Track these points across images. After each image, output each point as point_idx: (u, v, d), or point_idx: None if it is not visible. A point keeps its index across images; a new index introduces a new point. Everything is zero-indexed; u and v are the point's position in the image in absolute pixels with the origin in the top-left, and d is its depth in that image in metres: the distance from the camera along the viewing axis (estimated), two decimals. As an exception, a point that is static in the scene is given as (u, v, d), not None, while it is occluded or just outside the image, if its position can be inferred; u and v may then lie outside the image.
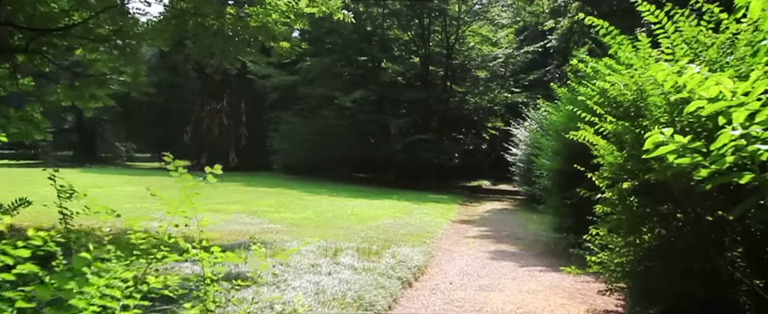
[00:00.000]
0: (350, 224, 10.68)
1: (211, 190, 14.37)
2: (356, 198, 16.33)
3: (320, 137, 23.62)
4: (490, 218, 14.59)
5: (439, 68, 27.60)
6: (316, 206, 13.46)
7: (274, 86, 26.18)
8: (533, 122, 15.54)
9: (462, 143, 26.99)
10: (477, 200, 20.66)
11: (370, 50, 25.51)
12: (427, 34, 26.48)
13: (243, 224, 9.78)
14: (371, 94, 22.82)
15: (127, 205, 11.04)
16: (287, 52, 8.03)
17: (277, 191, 16.76)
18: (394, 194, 18.73)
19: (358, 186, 21.65)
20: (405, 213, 13.28)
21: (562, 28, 22.77)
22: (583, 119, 5.18)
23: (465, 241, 10.16)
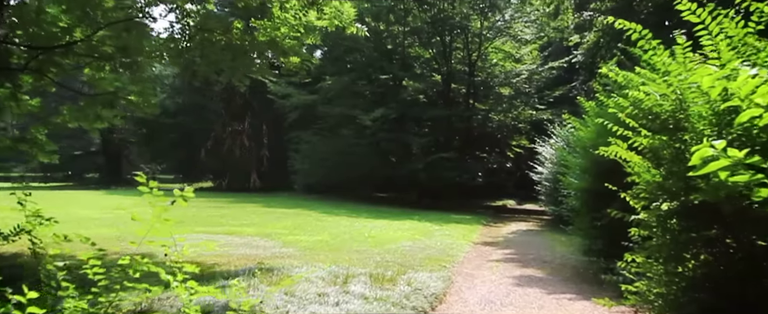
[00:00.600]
0: (367, 247, 10.22)
1: (228, 211, 14.12)
2: (376, 219, 15.87)
3: (340, 157, 23.32)
4: (515, 240, 13.95)
5: (462, 86, 27.17)
6: (333, 228, 13.04)
7: (294, 106, 26.08)
8: (559, 139, 14.94)
9: (485, 161, 26.37)
10: (501, 220, 19.98)
11: (390, 68, 25.27)
12: (449, 51, 26.14)
13: (255, 247, 9.40)
14: (392, 112, 22.47)
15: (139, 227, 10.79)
16: (297, 67, 7.73)
17: (296, 213, 16.41)
18: (415, 214, 18.20)
19: (379, 206, 21.19)
20: (425, 235, 12.75)
21: (588, 43, 22.11)
22: (614, 133, 4.67)
23: (488, 265, 9.59)
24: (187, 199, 2.95)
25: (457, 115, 25.21)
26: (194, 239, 9.86)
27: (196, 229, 11.13)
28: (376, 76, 25.98)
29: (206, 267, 7.27)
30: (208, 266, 7.38)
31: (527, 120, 26.12)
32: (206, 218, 13.59)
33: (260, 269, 6.74)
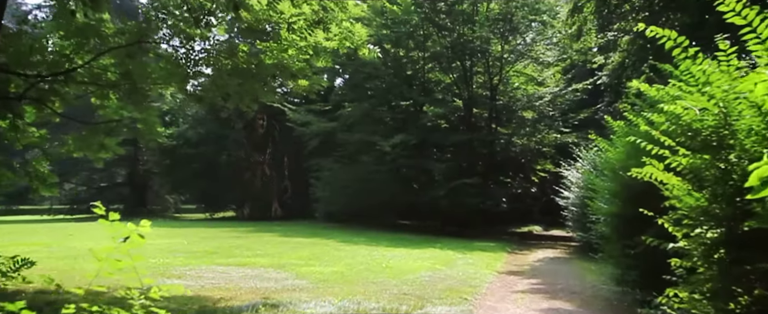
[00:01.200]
0: (384, 278, 9.72)
1: (244, 241, 13.75)
2: (396, 247, 15.34)
3: (360, 184, 22.97)
4: (542, 269, 13.25)
5: (483, 110, 26.72)
6: (350, 257, 12.57)
7: (313, 133, 25.94)
8: (585, 163, 14.34)
9: (510, 186, 25.69)
10: (527, 247, 19.23)
11: (410, 94, 25.02)
12: (470, 75, 25.80)
13: (265, 280, 8.99)
14: (412, 138, 22.10)
15: (152, 260, 10.54)
16: (307, 90, 7.45)
17: (313, 242, 16.00)
18: (437, 242, 17.62)
19: (400, 234, 20.65)
20: (447, 264, 12.19)
21: (613, 64, 21.56)
22: (648, 152, 4.18)
23: (513, 297, 8.98)
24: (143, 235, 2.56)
25: (480, 140, 24.72)
26: (203, 271, 9.52)
27: (207, 261, 10.80)
28: (396, 103, 25.76)
29: (211, 302, 6.88)
30: (214, 301, 6.99)
31: (552, 144, 25.45)
32: (221, 248, 13.28)
33: (265, 305, 6.32)
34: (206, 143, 30.76)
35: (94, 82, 6.65)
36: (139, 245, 2.52)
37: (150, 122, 7.68)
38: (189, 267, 9.86)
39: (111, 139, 7.58)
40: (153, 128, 7.73)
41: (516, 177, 26.88)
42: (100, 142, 7.38)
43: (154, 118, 7.76)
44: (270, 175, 30.10)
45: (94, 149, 7.44)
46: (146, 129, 7.71)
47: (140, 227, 2.54)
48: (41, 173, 7.18)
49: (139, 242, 2.50)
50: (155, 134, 7.88)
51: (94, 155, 7.64)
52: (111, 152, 7.98)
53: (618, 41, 20.83)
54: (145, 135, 7.80)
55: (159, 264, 10.10)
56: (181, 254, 11.75)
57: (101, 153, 7.66)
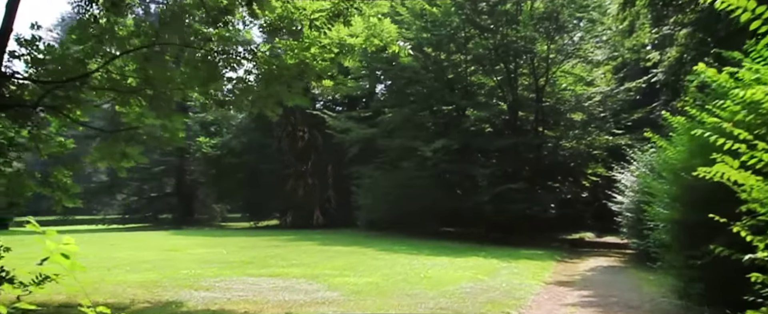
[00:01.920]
0: (421, 289, 9.15)
1: (281, 251, 13.42)
2: (438, 256, 14.72)
3: (402, 191, 22.44)
4: (594, 279, 12.31)
5: (529, 113, 25.71)
6: (388, 267, 12.05)
7: (353, 140, 25.61)
8: (641, 165, 13.34)
9: (558, 191, 24.54)
10: (578, 255, 18.17)
11: (452, 98, 24.34)
12: (514, 77, 24.89)
13: (295, 292, 8.59)
14: (454, 143, 21.40)
15: (184, 271, 10.34)
16: (333, 90, 7.01)
17: (351, 251, 15.57)
18: (481, 250, 16.85)
19: (443, 242, 19.98)
20: (490, 274, 11.48)
21: (669, 60, 20.22)
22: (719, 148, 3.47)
23: (561, 311, 8.23)
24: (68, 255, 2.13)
25: (525, 144, 23.74)
26: (233, 283, 9.22)
27: (239, 271, 10.52)
28: (437, 107, 25.12)
29: (234, 316, 6.53)
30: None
31: (603, 146, 24.15)
32: (257, 258, 13.03)
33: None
34: (250, 152, 31.04)
35: (114, 88, 6.47)
36: (67, 263, 2.08)
37: (173, 129, 7.45)
38: (220, 278, 9.60)
39: (133, 148, 7.39)
40: (175, 135, 7.49)
41: (565, 182, 25.69)
42: (122, 150, 7.20)
43: (179, 125, 7.53)
44: (312, 184, 30.04)
45: (116, 158, 7.27)
46: (169, 137, 7.48)
47: (64, 244, 2.10)
48: (64, 183, 7.05)
49: (63, 261, 2.06)
50: (178, 141, 7.64)
51: (116, 164, 7.48)
52: (133, 161, 7.79)
53: (674, 35, 19.52)
54: (168, 143, 7.56)
55: (190, 275, 9.88)
56: (215, 264, 11.54)
57: (123, 162, 7.48)
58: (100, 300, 7.38)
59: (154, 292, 8.07)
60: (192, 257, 13.15)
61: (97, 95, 6.81)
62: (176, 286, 8.58)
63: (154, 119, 7.22)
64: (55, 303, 7.14)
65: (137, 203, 39.12)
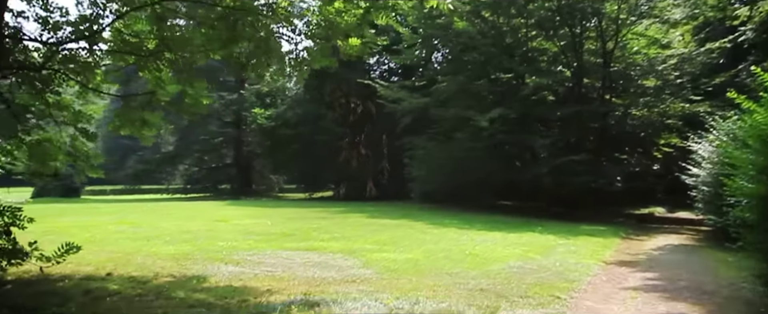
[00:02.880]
0: (464, 268, 8.44)
1: (326, 223, 13.02)
2: (490, 231, 13.89)
3: (456, 162, 21.55)
4: (662, 259, 11.12)
5: (595, 80, 23.87)
6: (433, 242, 11.39)
7: (406, 110, 24.80)
8: (721, 134, 11.83)
9: (626, 163, 22.78)
10: (645, 232, 16.75)
11: (510, 65, 22.90)
12: (580, 42, 23.06)
13: (328, 268, 8.12)
14: (511, 112, 20.13)
15: (221, 244, 10.15)
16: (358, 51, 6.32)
17: (399, 224, 15.01)
18: (538, 225, 15.85)
19: (498, 216, 19.05)
20: (543, 252, 10.59)
21: (761, 15, 17.90)
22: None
23: (620, 295, 7.32)
24: None
25: (590, 112, 22.02)
26: (267, 257, 8.87)
27: (276, 244, 10.19)
28: (495, 75, 23.80)
29: (254, 295, 6.10)
30: (258, 293, 6.21)
31: (678, 114, 22.06)
32: (299, 231, 12.73)
33: (304, 302, 5.40)
34: (304, 123, 30.97)
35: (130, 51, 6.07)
36: None
37: (196, 96, 7.03)
38: (254, 251, 9.31)
39: (153, 114, 7.02)
40: (199, 102, 7.07)
41: (633, 153, 23.83)
42: (141, 117, 6.85)
43: (202, 91, 7.09)
44: (365, 155, 29.66)
45: (136, 125, 6.94)
46: (192, 103, 7.06)
47: None
48: (85, 152, 6.80)
49: None
50: (201, 108, 7.21)
51: (138, 132, 7.16)
52: (155, 129, 7.44)
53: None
54: (190, 110, 7.15)
55: (226, 247, 9.65)
56: (255, 236, 11.32)
57: (145, 130, 7.14)
58: (125, 273, 7.21)
59: (182, 265, 7.84)
60: (236, 228, 13.04)
61: (114, 59, 6.47)
62: (208, 259, 8.34)
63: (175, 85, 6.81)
64: (79, 275, 7.01)
65: (198, 173, 40.37)
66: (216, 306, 5.51)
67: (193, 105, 7.04)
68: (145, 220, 14.47)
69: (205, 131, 39.49)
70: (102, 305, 5.46)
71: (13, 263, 6.29)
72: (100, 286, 6.31)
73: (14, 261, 6.28)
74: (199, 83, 7.04)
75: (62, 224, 12.77)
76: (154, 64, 6.40)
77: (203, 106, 7.16)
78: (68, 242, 6.70)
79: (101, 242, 9.84)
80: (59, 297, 5.67)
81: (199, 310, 5.31)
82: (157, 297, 5.84)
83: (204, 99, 7.15)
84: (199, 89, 7.03)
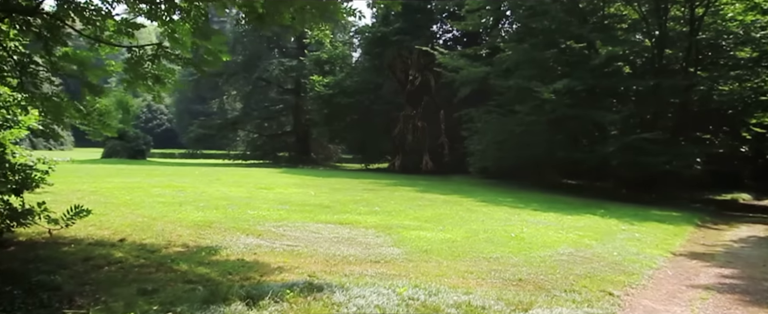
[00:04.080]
0: (505, 252, 7.57)
1: (370, 196, 12.34)
2: (545, 212, 12.81)
3: (516, 137, 20.25)
4: (743, 253, 9.68)
5: (678, 50, 21.57)
6: (479, 221, 10.52)
7: (464, 80, 23.51)
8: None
9: (708, 144, 20.59)
10: (725, 220, 15.00)
11: (582, 31, 21.05)
12: (665, 7, 20.79)
13: (354, 244, 7.50)
14: (578, 84, 18.47)
15: (251, 212, 9.78)
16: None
17: (447, 200, 14.16)
18: (601, 208, 14.53)
19: (558, 196, 17.77)
20: (601, 238, 9.47)
21: None
22: None
23: (687, 295, 6.24)
24: None
25: (670, 86, 19.88)
26: (294, 230, 8.38)
27: (310, 216, 9.67)
28: (564, 43, 22.00)
29: (260, 273, 5.57)
30: (265, 272, 5.68)
31: (775, 90, 19.59)
32: (339, 203, 12.19)
33: (305, 286, 4.79)
34: (363, 92, 30.35)
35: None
36: None
37: (214, 51, 6.47)
38: (283, 222, 8.82)
39: (166, 69, 6.49)
40: (217, 57, 6.50)
41: (718, 133, 21.53)
42: (152, 73, 6.35)
43: (221, 45, 6.51)
44: (422, 127, 28.73)
45: (148, 81, 6.46)
46: (210, 58, 6.50)
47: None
48: (95, 111, 6.44)
49: None
50: (217, 64, 6.63)
51: (151, 90, 6.69)
52: (169, 88, 6.93)
53: None
54: (208, 65, 6.58)
55: (256, 216, 9.24)
56: (290, 206, 10.87)
57: (157, 87, 6.66)
58: (139, 240, 6.90)
59: (201, 234, 7.46)
60: (276, 196, 12.69)
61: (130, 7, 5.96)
62: (231, 229, 7.93)
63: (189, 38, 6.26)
64: (92, 239, 6.76)
65: (258, 140, 40.97)
66: (212, 283, 5.02)
67: (210, 61, 6.48)
68: (191, 184, 14.44)
69: (267, 98, 39.96)
70: (94, 275, 5.11)
71: (21, 224, 6.07)
72: (106, 253, 6.00)
73: (22, 222, 6.05)
74: (217, 37, 6.46)
75: (109, 185, 12.91)
76: (163, 12, 5.86)
77: (219, 61, 6.58)
78: (77, 205, 6.45)
79: (135, 205, 9.72)
80: (55, 263, 5.38)
81: (193, 286, 4.82)
82: (158, 269, 5.43)
83: (223, 55, 6.56)
84: (217, 43, 6.45)
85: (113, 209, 9.10)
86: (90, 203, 9.59)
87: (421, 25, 30.43)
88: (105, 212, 8.69)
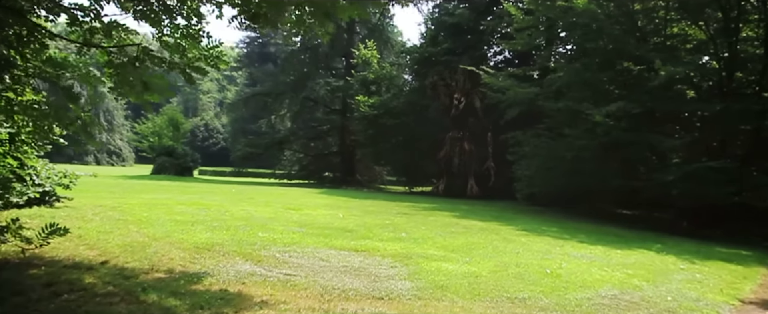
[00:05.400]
0: (535, 292, 6.59)
1: (404, 220, 11.39)
2: (591, 245, 11.58)
3: (565, 162, 18.93)
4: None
5: (749, 73, 19.72)
6: (514, 253, 9.50)
7: (511, 101, 22.41)
8: None
9: (786, 174, 18.55)
10: (808, 264, 13.17)
11: (640, 51, 19.61)
12: (735, 27, 19.09)
13: (362, 276, 6.74)
14: (635, 106, 17.05)
15: (262, 234, 9.21)
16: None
17: (484, 228, 13.11)
18: (657, 242, 13.10)
19: (609, 227, 16.32)
20: (654, 278, 8.27)
21: None
22: None
23: (756, 360, 5.07)
24: None
25: (741, 111, 18.05)
26: (301, 256, 7.71)
27: (324, 241, 8.96)
28: (620, 64, 20.60)
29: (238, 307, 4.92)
30: (246, 305, 5.02)
31: None
32: (364, 227, 11.42)
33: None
34: (408, 113, 29.71)
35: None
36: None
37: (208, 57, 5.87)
38: (293, 247, 8.16)
39: (153, 76, 5.99)
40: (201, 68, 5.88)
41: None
42: (140, 79, 5.85)
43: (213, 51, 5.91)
44: (468, 150, 27.67)
45: (136, 89, 5.97)
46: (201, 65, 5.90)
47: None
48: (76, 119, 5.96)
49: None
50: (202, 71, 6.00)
51: (140, 97, 6.20)
52: (158, 94, 6.41)
53: None
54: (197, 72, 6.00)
55: (265, 239, 8.63)
56: (307, 229, 10.19)
57: (146, 95, 6.16)
58: (123, 263, 6.38)
59: (196, 258, 6.90)
60: (300, 218, 12.07)
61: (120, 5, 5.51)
62: (231, 253, 7.34)
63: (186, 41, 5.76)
64: (70, 261, 6.28)
65: (304, 160, 40.97)
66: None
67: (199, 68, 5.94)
68: (218, 203, 14.09)
69: (314, 118, 40.04)
70: (46, 304, 4.58)
71: (-2, 241, 5.68)
72: (76, 278, 5.50)
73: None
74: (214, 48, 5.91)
75: (135, 201, 12.72)
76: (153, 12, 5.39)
77: (204, 72, 6.04)
78: (52, 223, 6.01)
79: (146, 223, 9.33)
80: (11, 288, 4.90)
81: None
82: (122, 299, 4.86)
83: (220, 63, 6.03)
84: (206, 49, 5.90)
85: (121, 226, 8.73)
86: (103, 220, 9.33)
87: (470, 45, 29.64)
88: (110, 229, 8.31)
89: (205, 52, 5.90)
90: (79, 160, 70.74)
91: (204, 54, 5.87)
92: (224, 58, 6.08)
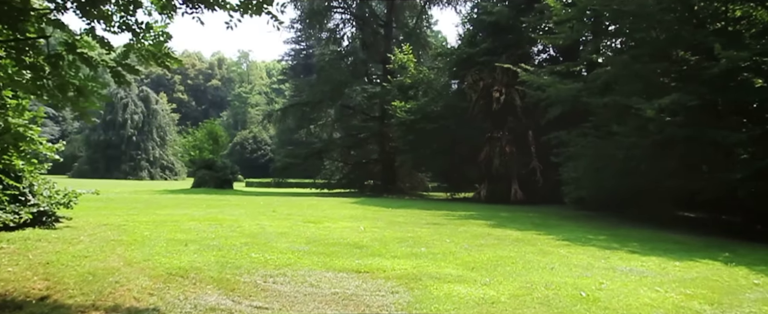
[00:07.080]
0: (563, 322, 5.37)
1: (429, 232, 10.13)
2: (643, 256, 10.07)
3: (615, 162, 17.24)
4: None
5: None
6: (547, 269, 8.22)
7: (552, 99, 20.78)
8: None
9: None
10: None
11: (697, 37, 17.68)
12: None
13: (351, 305, 5.76)
14: (692, 98, 15.21)
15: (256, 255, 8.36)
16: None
17: (519, 238, 11.75)
18: (724, 250, 11.38)
19: (667, 233, 14.56)
20: (719, 299, 6.81)
21: None
22: None
23: None
24: None
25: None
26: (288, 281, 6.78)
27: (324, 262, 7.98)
28: (675, 53, 18.68)
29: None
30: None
31: None
32: (382, 240, 10.38)
33: None
34: (447, 117, 28.46)
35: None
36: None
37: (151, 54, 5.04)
38: (283, 269, 7.21)
39: (84, 78, 5.18)
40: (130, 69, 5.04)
41: None
42: (63, 81, 4.99)
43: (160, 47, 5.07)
44: (510, 152, 26.11)
45: (70, 94, 5.10)
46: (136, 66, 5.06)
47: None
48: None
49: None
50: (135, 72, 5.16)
51: (75, 105, 5.35)
52: (96, 101, 5.54)
53: None
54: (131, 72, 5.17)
55: (256, 261, 7.71)
56: (311, 247, 9.21)
57: (80, 102, 5.30)
58: (64, 298, 5.59)
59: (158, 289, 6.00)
60: (313, 233, 11.07)
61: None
62: (205, 280, 6.45)
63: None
64: (8, 296, 5.55)
65: (344, 168, 40.31)
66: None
67: (133, 69, 5.11)
68: (234, 217, 13.38)
69: (352, 125, 39.35)
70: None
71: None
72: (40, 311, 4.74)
73: None
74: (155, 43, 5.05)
75: (145, 218, 12.18)
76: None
77: (136, 70, 5.20)
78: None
79: (137, 244, 8.65)
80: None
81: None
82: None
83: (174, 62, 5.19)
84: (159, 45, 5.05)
85: (106, 249, 8.05)
86: (92, 242, 8.74)
87: (511, 44, 28.15)
88: (88, 254, 7.63)
89: (152, 48, 5.06)
90: (134, 176, 73.32)
91: (151, 51, 5.04)
92: (175, 56, 5.24)
